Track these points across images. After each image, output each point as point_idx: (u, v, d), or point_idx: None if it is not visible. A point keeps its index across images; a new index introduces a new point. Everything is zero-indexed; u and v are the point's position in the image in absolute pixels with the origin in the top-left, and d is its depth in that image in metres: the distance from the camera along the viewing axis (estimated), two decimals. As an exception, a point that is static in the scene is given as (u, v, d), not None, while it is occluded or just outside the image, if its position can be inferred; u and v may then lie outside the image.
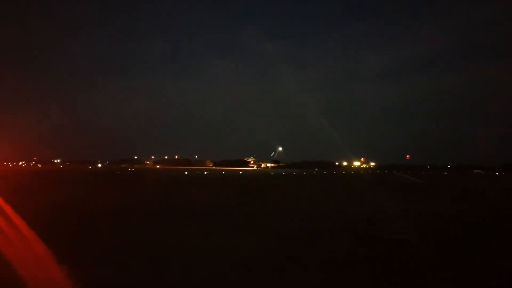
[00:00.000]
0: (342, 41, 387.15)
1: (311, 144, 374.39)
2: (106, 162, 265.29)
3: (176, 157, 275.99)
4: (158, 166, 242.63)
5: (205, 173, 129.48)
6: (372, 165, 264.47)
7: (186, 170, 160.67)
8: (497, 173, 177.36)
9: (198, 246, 14.36)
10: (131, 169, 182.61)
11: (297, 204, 30.87)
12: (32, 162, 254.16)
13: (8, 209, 24.33)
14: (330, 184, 65.62)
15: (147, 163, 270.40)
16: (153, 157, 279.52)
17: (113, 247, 14.23)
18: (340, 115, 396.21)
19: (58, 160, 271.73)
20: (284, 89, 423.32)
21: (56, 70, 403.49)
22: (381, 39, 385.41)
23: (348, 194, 42.86)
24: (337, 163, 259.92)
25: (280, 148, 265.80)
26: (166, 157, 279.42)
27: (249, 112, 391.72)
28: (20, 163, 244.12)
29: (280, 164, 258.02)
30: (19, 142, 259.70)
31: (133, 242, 15.13)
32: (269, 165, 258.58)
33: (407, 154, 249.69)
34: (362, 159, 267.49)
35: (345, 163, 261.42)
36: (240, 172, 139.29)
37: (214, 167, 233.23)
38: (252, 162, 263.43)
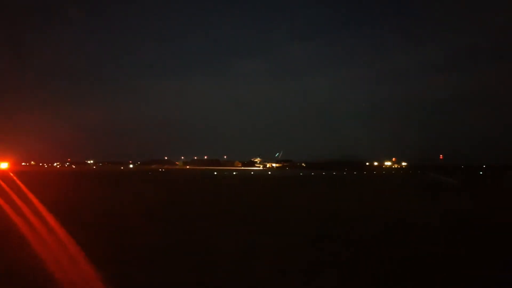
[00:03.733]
0: (374, 40, 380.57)
1: (341, 144, 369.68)
2: (137, 163, 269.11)
3: (205, 157, 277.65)
4: (187, 167, 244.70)
5: (234, 173, 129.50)
6: (404, 165, 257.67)
7: (215, 170, 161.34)
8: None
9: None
10: (161, 169, 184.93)
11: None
12: (66, 163, 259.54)
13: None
14: (381, 188, 59.42)
15: (177, 164, 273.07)
16: (183, 157, 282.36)
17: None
18: (370, 115, 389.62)
19: (91, 161, 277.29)
20: (313, 88, 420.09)
21: (88, 74, 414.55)
22: (412, 38, 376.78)
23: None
24: (367, 163, 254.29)
25: (281, 151, 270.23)
26: (195, 157, 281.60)
27: (279, 112, 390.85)
28: (55, 164, 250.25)
29: (284, 163, 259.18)
30: (53, 144, 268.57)
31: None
32: (274, 165, 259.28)
33: (439, 154, 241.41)
34: (393, 159, 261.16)
35: (375, 163, 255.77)
36: (268, 173, 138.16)
37: (242, 167, 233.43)
38: (258, 162, 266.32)
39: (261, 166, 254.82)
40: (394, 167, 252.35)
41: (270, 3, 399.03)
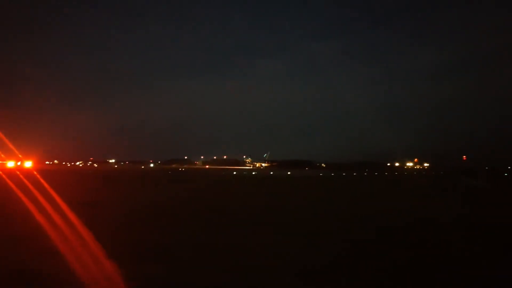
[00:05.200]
0: (393, 40, 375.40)
1: (360, 144, 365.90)
2: (158, 162, 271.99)
3: (225, 157, 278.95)
4: (207, 166, 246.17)
5: (254, 173, 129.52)
6: (426, 166, 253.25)
7: (234, 170, 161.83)
8: None
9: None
10: (181, 169, 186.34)
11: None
12: (88, 162, 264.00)
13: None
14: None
15: (196, 163, 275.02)
16: (202, 157, 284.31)
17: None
18: (390, 115, 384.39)
19: (113, 160, 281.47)
20: (333, 88, 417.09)
21: (110, 73, 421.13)
22: (433, 36, 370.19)
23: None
24: (388, 164, 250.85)
25: (268, 152, 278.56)
26: (214, 157, 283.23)
27: (298, 112, 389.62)
28: (78, 163, 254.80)
29: (273, 164, 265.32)
30: (76, 143, 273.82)
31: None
32: (263, 164, 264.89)
33: (463, 155, 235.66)
34: (415, 160, 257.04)
35: (397, 164, 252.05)
36: (290, 173, 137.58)
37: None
38: (248, 162, 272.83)
39: (251, 166, 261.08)
40: (416, 168, 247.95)
41: (289, 3, 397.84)
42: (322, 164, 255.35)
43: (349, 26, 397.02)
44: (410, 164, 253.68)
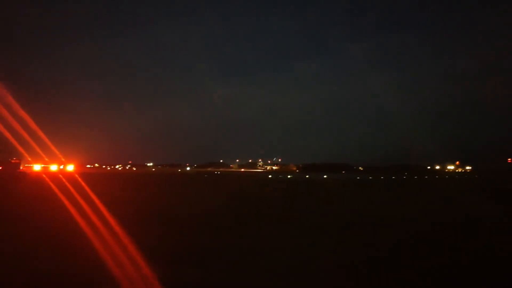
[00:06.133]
0: (432, 41, 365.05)
1: (397, 146, 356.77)
2: (194, 165, 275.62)
3: (260, 160, 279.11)
4: (242, 170, 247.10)
5: (289, 176, 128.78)
6: (468, 169, 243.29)
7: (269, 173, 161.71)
8: None
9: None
10: (217, 172, 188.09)
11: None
12: (127, 165, 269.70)
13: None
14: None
15: (231, 167, 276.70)
16: (238, 160, 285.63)
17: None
18: (428, 117, 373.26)
19: (151, 164, 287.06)
20: (369, 90, 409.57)
21: (149, 79, 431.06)
22: (473, 40, 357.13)
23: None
24: (428, 167, 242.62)
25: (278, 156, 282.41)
26: (250, 160, 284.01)
27: (335, 113, 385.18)
28: (117, 166, 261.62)
29: (281, 166, 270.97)
30: (115, 147, 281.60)
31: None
32: (274, 167, 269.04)
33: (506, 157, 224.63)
34: (456, 163, 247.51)
35: (437, 167, 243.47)
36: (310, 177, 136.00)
37: (297, 171, 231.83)
38: (259, 165, 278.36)
39: (262, 169, 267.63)
40: (458, 171, 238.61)
41: (325, 4, 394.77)
42: (359, 168, 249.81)
43: (387, 26, 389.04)
44: (451, 167, 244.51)
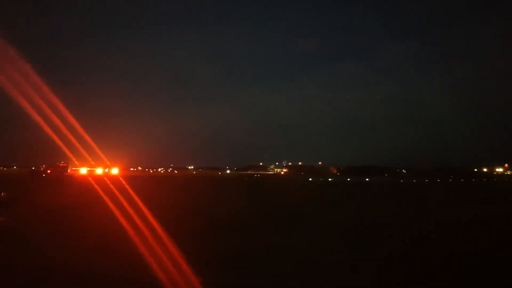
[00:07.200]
0: (478, 40, 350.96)
1: (440, 148, 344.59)
2: (234, 168, 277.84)
3: (300, 163, 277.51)
4: (282, 173, 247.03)
5: (330, 179, 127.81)
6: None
7: (310, 176, 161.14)
8: None
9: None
10: (257, 175, 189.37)
11: None
12: (169, 168, 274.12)
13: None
14: None
15: (270, 169, 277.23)
16: (277, 163, 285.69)
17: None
18: (474, 117, 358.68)
19: (191, 167, 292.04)
20: (414, 91, 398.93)
21: (189, 84, 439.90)
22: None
23: None
24: (475, 170, 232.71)
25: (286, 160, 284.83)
26: (290, 163, 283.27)
27: (378, 115, 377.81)
28: (159, 169, 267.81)
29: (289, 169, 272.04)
30: (157, 150, 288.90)
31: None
32: (284, 170, 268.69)
33: None
34: (505, 165, 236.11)
35: (484, 170, 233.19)
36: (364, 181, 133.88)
37: (338, 174, 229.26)
38: (270, 168, 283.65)
39: (272, 172, 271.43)
40: (507, 174, 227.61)
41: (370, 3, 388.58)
42: (403, 170, 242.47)
43: (432, 25, 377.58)
44: (500, 169, 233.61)
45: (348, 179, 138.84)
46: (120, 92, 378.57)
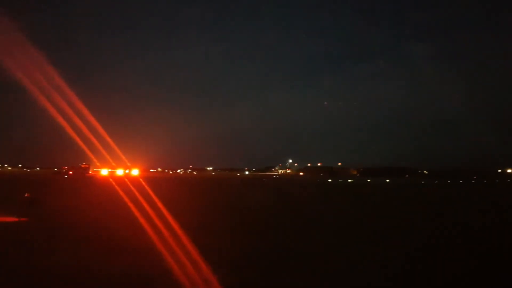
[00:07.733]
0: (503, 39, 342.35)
1: (461, 149, 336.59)
2: (252, 170, 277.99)
3: (319, 164, 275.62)
4: (301, 174, 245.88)
5: (349, 181, 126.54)
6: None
7: (328, 177, 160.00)
8: None
9: None
10: (275, 176, 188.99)
11: None
12: (188, 169, 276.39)
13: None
14: None
15: (289, 171, 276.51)
16: (296, 164, 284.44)
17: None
18: (496, 117, 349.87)
19: (210, 168, 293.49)
20: (431, 91, 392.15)
21: (207, 85, 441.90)
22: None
23: None
24: (499, 170, 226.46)
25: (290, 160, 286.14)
26: (308, 164, 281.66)
27: (396, 115, 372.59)
28: (179, 170, 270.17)
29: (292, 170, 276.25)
30: (176, 151, 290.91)
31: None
32: (288, 171, 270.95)
33: None
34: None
35: (509, 170, 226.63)
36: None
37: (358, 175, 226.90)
38: (274, 169, 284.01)
39: (277, 173, 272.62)
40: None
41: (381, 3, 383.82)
42: (424, 171, 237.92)
43: (447, 25, 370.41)
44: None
45: (368, 180, 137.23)
46: (143, 94, 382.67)
